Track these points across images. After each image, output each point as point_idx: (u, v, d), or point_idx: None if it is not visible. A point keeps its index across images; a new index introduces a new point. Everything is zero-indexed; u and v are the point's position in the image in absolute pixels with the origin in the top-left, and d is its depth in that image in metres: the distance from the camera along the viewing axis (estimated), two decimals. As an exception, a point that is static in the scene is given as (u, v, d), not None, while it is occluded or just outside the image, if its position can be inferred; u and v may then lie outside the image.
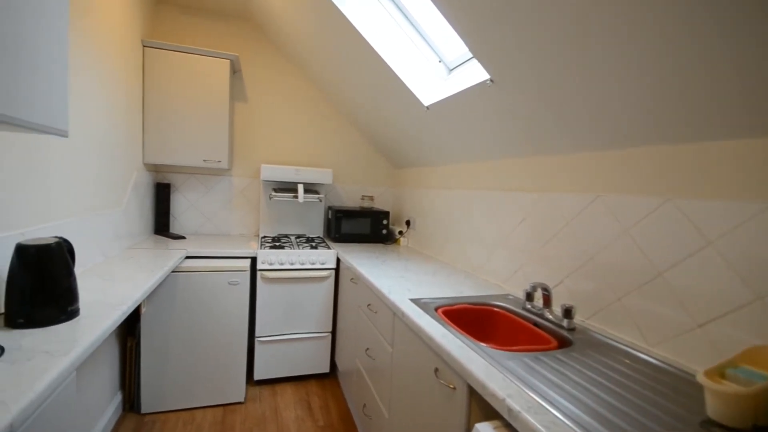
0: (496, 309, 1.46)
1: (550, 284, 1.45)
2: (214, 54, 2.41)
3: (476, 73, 1.52)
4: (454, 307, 1.42)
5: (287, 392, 2.32)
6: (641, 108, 1.04)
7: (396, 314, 1.40)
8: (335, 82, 2.57)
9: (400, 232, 2.75)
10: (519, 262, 1.62)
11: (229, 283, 2.13)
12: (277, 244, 2.44)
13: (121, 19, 1.97)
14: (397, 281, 1.67)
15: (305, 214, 2.89)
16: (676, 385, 0.90)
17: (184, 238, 2.50)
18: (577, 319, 1.34)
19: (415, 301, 1.41)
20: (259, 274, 2.26)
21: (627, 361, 1.03)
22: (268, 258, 2.27)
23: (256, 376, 2.32)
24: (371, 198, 2.88)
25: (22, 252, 1.03)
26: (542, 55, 1.13)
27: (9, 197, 1.16)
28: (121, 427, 1.95)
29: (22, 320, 1.02)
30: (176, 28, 2.62)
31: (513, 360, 1.00)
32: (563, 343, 1.19)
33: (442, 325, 1.20)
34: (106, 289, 1.38)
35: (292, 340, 2.37)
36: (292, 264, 2.31)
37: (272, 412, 2.12)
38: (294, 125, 2.92)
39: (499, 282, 1.74)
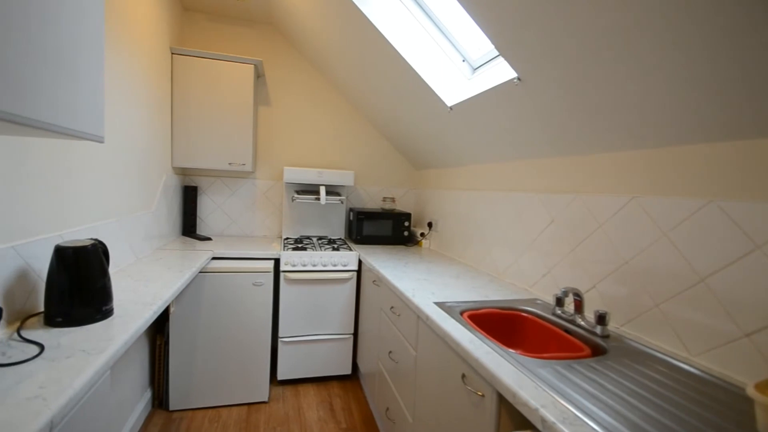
0: (524, 314, 1.42)
1: (581, 289, 1.40)
2: (238, 59, 2.46)
3: (502, 72, 1.48)
4: (480, 311, 1.38)
5: (310, 393, 2.33)
6: (683, 105, 0.98)
7: (420, 318, 1.38)
8: (357, 85, 2.57)
9: (422, 234, 2.73)
10: (547, 265, 1.57)
11: (253, 284, 2.16)
12: (300, 245, 2.47)
13: (151, 28, 2.03)
14: (421, 284, 1.65)
15: (327, 216, 2.90)
16: (723, 398, 0.85)
17: (210, 239, 2.56)
18: (611, 325, 1.28)
19: (439, 304, 1.38)
20: (282, 275, 2.29)
21: (667, 371, 0.97)
22: (291, 259, 2.29)
23: (280, 377, 2.35)
24: (393, 200, 2.87)
25: (61, 253, 1.07)
26: (574, 51, 1.09)
27: (49, 201, 1.22)
28: (151, 424, 2.00)
29: (60, 319, 1.06)
30: (202, 35, 2.69)
31: (545, 368, 0.97)
32: (597, 351, 1.14)
33: (469, 329, 1.17)
34: (138, 289, 1.42)
35: (315, 341, 2.38)
36: (314, 265, 2.33)
37: (295, 413, 2.13)
38: (316, 128, 2.95)
39: (525, 286, 1.69)
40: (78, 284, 1.08)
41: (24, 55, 0.68)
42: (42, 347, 0.93)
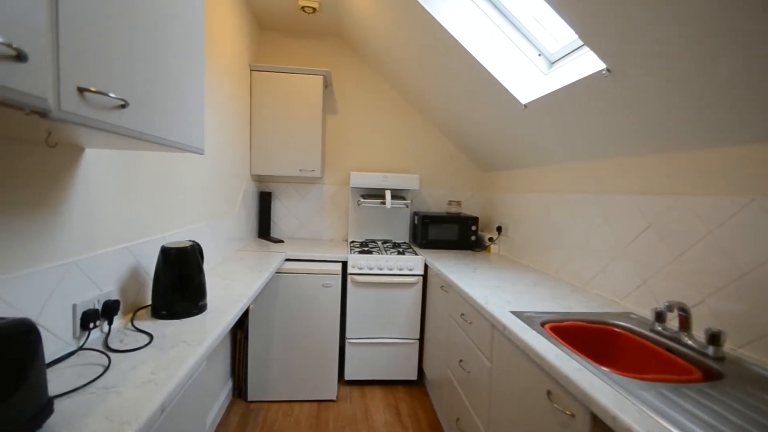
0: (616, 329, 1.27)
1: (687, 303, 1.22)
2: (309, 71, 2.59)
3: (587, 64, 1.36)
4: (564, 323, 1.28)
5: (376, 395, 2.35)
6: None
7: (496, 327, 1.31)
8: (422, 88, 2.56)
9: (491, 239, 2.61)
10: (642, 276, 1.40)
11: (323, 285, 2.24)
12: (366, 249, 2.50)
13: (235, 49, 2.22)
14: (493, 291, 1.57)
15: (391, 220, 2.92)
16: None
17: (282, 241, 2.72)
18: (726, 347, 1.10)
19: (517, 314, 1.30)
20: (349, 277, 2.34)
21: (812, 407, 0.80)
22: (357, 262, 2.34)
23: (347, 377, 2.39)
24: (458, 203, 2.79)
25: (166, 253, 1.20)
26: (675, 37, 0.96)
27: (154, 206, 1.37)
28: (232, 412, 2.16)
29: (164, 312, 1.19)
30: (276, 50, 2.88)
31: (647, 390, 0.85)
32: (710, 375, 0.98)
33: (553, 343, 1.08)
34: (225, 287, 1.55)
35: (381, 344, 2.39)
36: (380, 269, 2.35)
37: (363, 414, 2.16)
38: (381, 133, 2.99)
39: (615, 298, 1.53)
40: (179, 281, 1.20)
41: (162, 86, 0.79)
42: (151, 337, 1.04)
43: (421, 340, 2.45)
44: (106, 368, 0.86)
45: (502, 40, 1.75)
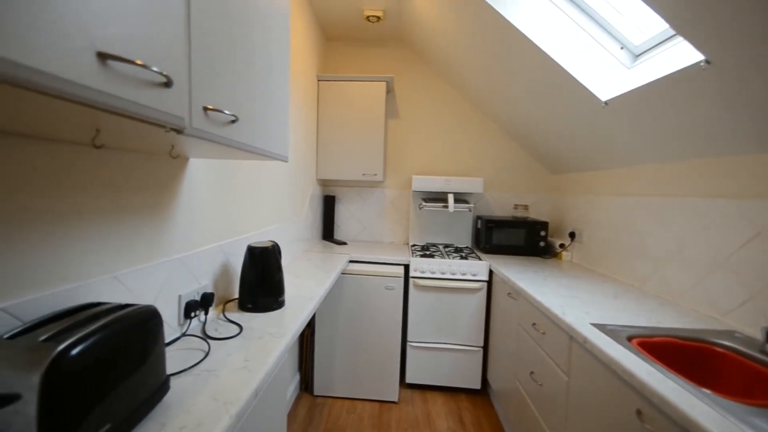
0: (717, 348, 1.13)
1: (811, 325, 1.05)
2: (372, 78, 2.67)
3: (680, 56, 1.24)
4: (654, 339, 1.16)
5: (438, 401, 2.32)
6: None
7: (574, 339, 1.23)
8: (488, 89, 2.50)
9: (562, 245, 2.46)
10: (749, 290, 1.23)
11: (385, 288, 2.28)
12: (427, 252, 2.50)
13: (305, 61, 2.37)
14: (569, 301, 1.48)
15: (452, 224, 2.89)
16: None
17: (345, 243, 2.81)
18: None
19: (599, 326, 1.21)
20: (411, 281, 2.35)
21: None
22: (420, 266, 2.34)
23: (408, 380, 2.40)
24: (525, 207, 2.67)
25: (252, 252, 1.31)
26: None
27: (242, 209, 1.51)
28: (299, 404, 2.28)
29: (250, 306, 1.29)
30: (341, 59, 3.00)
31: (760, 417, 0.76)
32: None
33: (643, 359, 1.00)
34: (297, 285, 1.64)
35: (442, 349, 2.37)
36: (443, 273, 2.33)
37: (425, 418, 2.15)
38: (443, 136, 2.98)
39: (715, 314, 1.36)
40: (262, 278, 1.30)
41: (261, 102, 0.88)
42: (241, 327, 1.14)
43: (485, 348, 2.38)
44: (207, 353, 0.97)
45: (579, 34, 1.65)
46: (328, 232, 2.98)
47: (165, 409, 0.73)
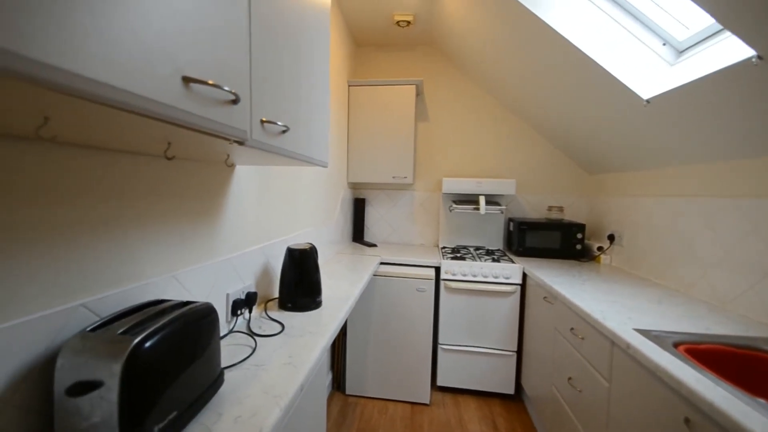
0: (774, 358, 1.08)
1: None
2: (401, 82, 2.69)
3: (729, 51, 1.19)
4: (702, 346, 1.12)
5: (470, 405, 2.31)
6: None
7: (616, 344, 1.20)
8: (520, 90, 2.47)
9: (600, 248, 2.38)
10: (811, 296, 1.16)
11: (416, 290, 2.29)
12: (458, 255, 2.49)
13: (338, 68, 2.43)
14: (610, 306, 1.44)
15: (483, 226, 2.86)
16: None
17: (375, 245, 2.85)
18: None
19: (642, 332, 1.18)
20: (442, 283, 2.35)
21: None
22: (451, 268, 2.34)
23: (439, 382, 2.40)
24: (561, 209, 2.61)
25: (291, 253, 1.36)
26: None
27: (279, 213, 1.58)
28: (332, 402, 2.33)
29: (290, 305, 1.35)
30: (371, 64, 3.06)
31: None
32: None
33: (692, 366, 0.96)
34: (332, 286, 1.69)
35: (474, 353, 2.35)
36: (474, 276, 2.31)
37: (457, 421, 2.14)
38: (473, 138, 2.96)
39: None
40: (301, 278, 1.36)
41: (305, 112, 0.93)
42: (283, 326, 1.20)
43: (519, 352, 2.34)
44: (254, 349, 1.02)
45: (617, 31, 1.61)
46: (358, 234, 3.03)
47: (220, 399, 0.78)
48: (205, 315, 0.76)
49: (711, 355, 1.11)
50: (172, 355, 0.66)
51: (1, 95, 0.35)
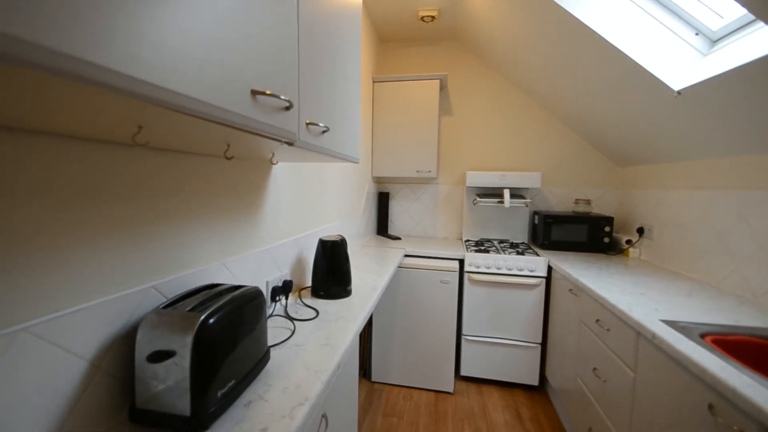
0: (807, 351, 1.07)
1: None
2: (425, 77, 2.72)
3: (765, 41, 1.16)
4: (730, 337, 1.12)
5: (494, 395, 2.35)
6: None
7: (642, 335, 1.22)
8: (547, 82, 2.45)
9: (629, 242, 2.35)
10: None
11: (440, 282, 2.34)
12: (482, 248, 2.52)
13: (362, 64, 2.49)
14: (637, 298, 1.45)
15: (507, 219, 2.87)
16: None
17: (399, 238, 2.91)
18: None
19: (669, 323, 1.19)
20: (466, 275, 2.39)
21: None
22: (475, 261, 2.38)
23: (463, 372, 2.46)
24: (588, 202, 2.58)
25: (323, 244, 1.45)
26: None
27: (311, 207, 1.66)
28: (359, 388, 2.42)
29: (323, 293, 1.44)
30: (395, 59, 3.09)
31: None
32: None
33: (717, 355, 0.98)
34: (359, 276, 1.77)
35: (498, 344, 2.39)
36: (498, 268, 2.34)
37: (480, 410, 2.20)
38: (498, 131, 2.96)
39: (805, 315, 1.26)
40: (332, 268, 1.44)
41: (340, 113, 1.01)
42: (317, 312, 1.28)
43: (544, 344, 2.35)
44: (293, 332, 1.11)
45: (647, 21, 1.59)
46: (382, 227, 3.10)
47: (268, 373, 0.87)
48: (255, 297, 0.85)
49: (740, 347, 1.11)
50: (230, 331, 0.75)
51: (106, 108, 0.43)
